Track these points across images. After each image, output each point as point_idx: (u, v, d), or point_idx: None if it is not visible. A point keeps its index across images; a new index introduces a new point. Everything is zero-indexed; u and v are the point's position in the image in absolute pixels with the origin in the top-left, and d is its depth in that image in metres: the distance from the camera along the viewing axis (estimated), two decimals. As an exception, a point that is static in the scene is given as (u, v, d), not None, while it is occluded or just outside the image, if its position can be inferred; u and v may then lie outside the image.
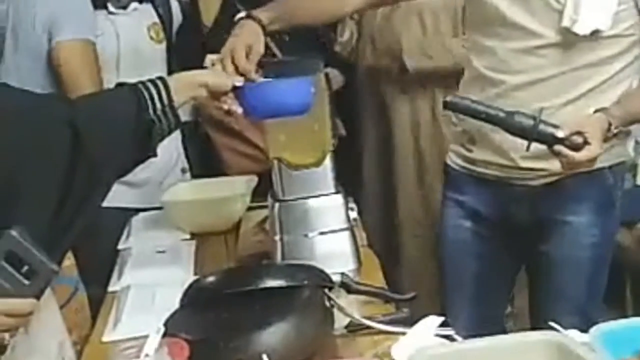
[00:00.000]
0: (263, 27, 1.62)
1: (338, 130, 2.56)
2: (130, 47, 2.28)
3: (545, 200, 1.68)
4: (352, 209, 1.69)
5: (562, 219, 1.69)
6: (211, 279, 1.38)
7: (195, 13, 2.57)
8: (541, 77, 1.62)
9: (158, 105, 1.31)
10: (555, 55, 1.60)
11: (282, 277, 1.34)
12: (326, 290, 1.37)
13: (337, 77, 2.65)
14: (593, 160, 1.47)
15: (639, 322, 1.17)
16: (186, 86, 1.38)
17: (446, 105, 1.57)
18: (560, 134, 1.45)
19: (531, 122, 1.48)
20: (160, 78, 1.36)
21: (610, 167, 1.67)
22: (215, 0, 2.52)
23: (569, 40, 1.57)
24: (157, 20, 2.38)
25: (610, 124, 1.49)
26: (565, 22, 1.55)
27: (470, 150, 1.77)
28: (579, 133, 1.45)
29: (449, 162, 1.85)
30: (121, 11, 2.30)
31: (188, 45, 2.51)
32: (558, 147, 1.46)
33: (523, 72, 1.63)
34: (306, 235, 1.63)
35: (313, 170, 1.63)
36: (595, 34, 1.54)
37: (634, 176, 3.14)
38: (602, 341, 1.09)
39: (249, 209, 2.06)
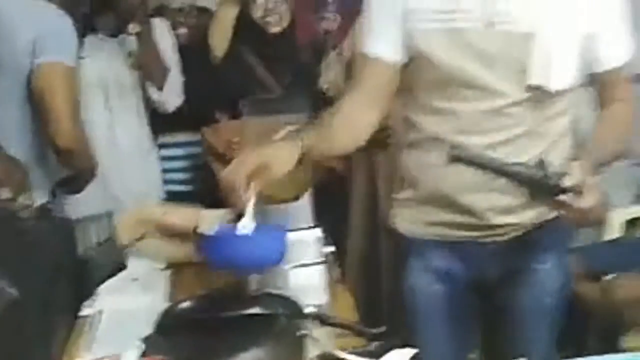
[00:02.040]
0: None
1: (335, 167, 2.67)
2: (113, 73, 2.35)
3: (515, 253, 1.70)
4: (327, 244, 1.73)
5: (531, 268, 1.72)
6: (186, 304, 1.41)
7: (203, 47, 2.65)
8: (508, 137, 1.61)
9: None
10: (521, 113, 1.60)
11: (258, 305, 1.37)
12: (299, 321, 1.39)
13: None
14: (594, 207, 1.44)
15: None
16: (137, 226, 1.31)
17: (453, 158, 1.47)
18: (567, 183, 1.42)
19: (541, 172, 1.44)
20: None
21: None
22: (225, 36, 2.60)
23: (534, 97, 1.59)
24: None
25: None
26: (534, 81, 1.57)
27: (430, 214, 1.72)
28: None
29: (402, 230, 1.78)
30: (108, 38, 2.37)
31: (196, 78, 2.61)
32: (563, 197, 1.43)
33: (490, 132, 1.62)
34: (280, 268, 1.65)
35: (291, 205, 1.67)
36: (558, 91, 1.59)
37: (601, 232, 3.23)
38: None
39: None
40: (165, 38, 2.72)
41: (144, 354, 1.19)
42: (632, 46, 1.66)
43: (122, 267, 1.25)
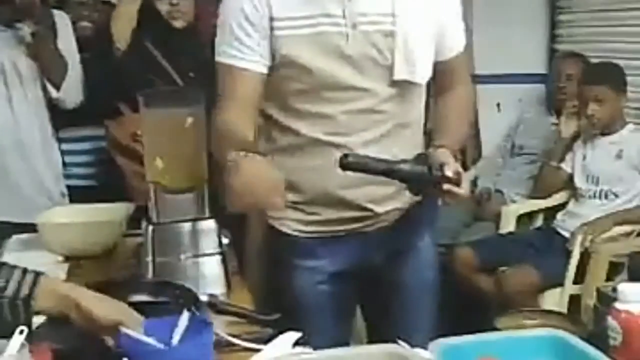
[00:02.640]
0: None
1: None
2: (9, 62, 2.33)
3: (398, 235, 1.77)
4: (224, 235, 1.76)
5: (412, 245, 1.82)
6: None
7: (105, 40, 2.63)
8: (382, 133, 1.67)
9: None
10: (390, 109, 1.67)
11: (150, 292, 1.40)
12: (193, 308, 1.43)
13: None
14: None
15: (475, 337, 1.29)
16: (57, 298, 1.22)
17: (345, 166, 1.51)
18: (449, 173, 1.52)
19: (423, 166, 1.53)
20: (37, 273, 1.23)
21: None
22: (127, 29, 2.59)
23: (398, 92, 1.67)
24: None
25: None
26: (399, 75, 1.64)
27: (316, 214, 1.73)
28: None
29: (288, 230, 1.75)
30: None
31: (98, 74, 2.58)
32: (447, 186, 1.52)
33: (364, 130, 1.66)
34: (178, 258, 1.68)
35: (188, 195, 1.70)
36: (412, 83, 1.68)
37: (497, 226, 3.37)
38: (441, 354, 1.20)
39: (127, 235, 2.10)
40: (65, 33, 2.69)
41: (31, 344, 1.19)
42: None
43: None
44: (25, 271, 1.23)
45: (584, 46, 3.72)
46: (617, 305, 1.25)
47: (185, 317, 1.27)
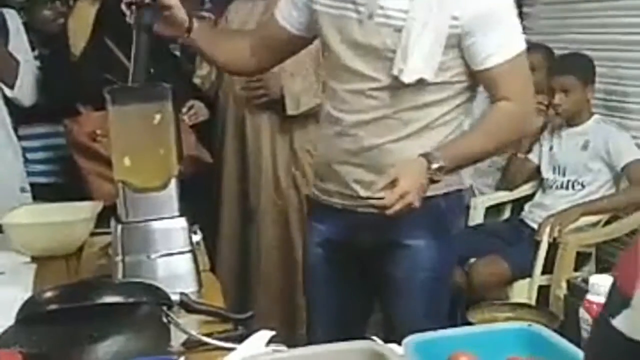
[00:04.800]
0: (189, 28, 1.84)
1: (205, 157, 2.70)
2: None
3: (386, 227, 1.78)
4: (195, 233, 1.75)
5: (402, 243, 1.81)
6: (48, 294, 1.39)
7: (63, 41, 2.58)
8: (375, 117, 1.75)
9: None
10: (386, 98, 1.73)
11: (120, 293, 1.38)
12: (164, 308, 1.41)
13: (202, 110, 2.79)
14: (408, 195, 1.61)
15: (448, 332, 1.29)
16: None
17: None
18: (366, 193, 1.69)
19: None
20: None
21: (443, 195, 1.80)
22: (85, 31, 2.54)
23: (398, 85, 1.70)
24: None
25: (430, 166, 1.64)
26: (394, 71, 1.68)
27: (322, 181, 1.90)
28: (393, 181, 1.61)
29: (309, 192, 2.00)
30: None
31: (57, 73, 2.54)
32: (374, 202, 1.65)
33: (359, 111, 1.77)
34: (148, 257, 1.66)
35: (157, 194, 1.67)
36: (420, 82, 1.69)
37: (466, 218, 3.38)
38: (414, 350, 1.20)
39: (94, 234, 2.07)
40: (16, 32, 2.65)
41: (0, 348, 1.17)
42: (516, 44, 1.70)
43: None
44: None
45: (550, 38, 3.75)
46: (589, 297, 1.26)
47: None
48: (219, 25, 2.81)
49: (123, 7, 1.72)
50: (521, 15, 4.05)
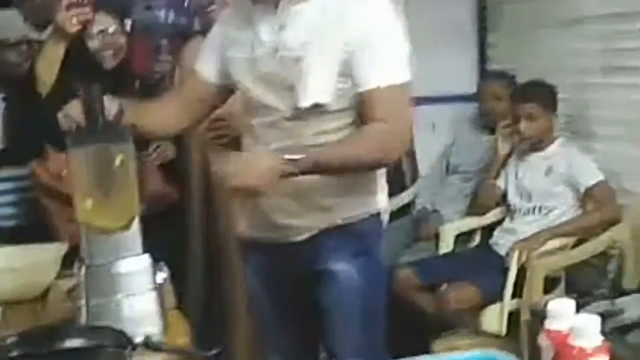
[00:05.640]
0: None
1: (172, 195, 2.71)
2: None
3: (311, 254, 1.86)
4: (160, 270, 1.74)
5: (325, 269, 1.87)
6: (12, 340, 1.38)
7: (30, 79, 2.58)
8: (279, 146, 1.79)
9: None
10: (290, 127, 1.80)
11: (84, 338, 1.37)
12: (128, 350, 1.41)
13: (169, 148, 2.80)
14: (248, 172, 1.65)
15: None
16: None
17: None
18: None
19: None
20: None
21: (361, 220, 1.88)
22: (52, 71, 2.54)
23: (299, 113, 1.77)
24: None
25: (284, 156, 1.67)
26: (294, 99, 1.76)
27: (246, 217, 1.95)
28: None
29: (238, 231, 2.03)
30: None
31: (23, 114, 2.54)
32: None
33: (268, 143, 1.83)
34: (112, 299, 1.65)
35: (120, 234, 1.67)
36: (319, 107, 1.75)
37: (436, 245, 3.41)
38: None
39: (59, 276, 2.05)
40: None
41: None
42: (398, 73, 1.75)
43: None
44: None
45: (512, 65, 3.82)
46: (548, 323, 1.26)
47: None
48: (177, 70, 2.84)
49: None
50: (484, 43, 4.15)
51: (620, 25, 3.19)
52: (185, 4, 4.95)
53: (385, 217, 1.97)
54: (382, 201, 1.93)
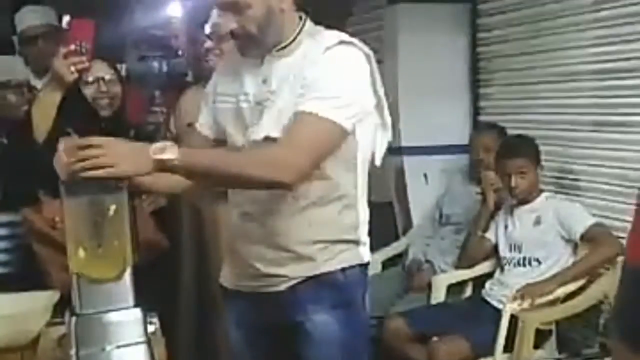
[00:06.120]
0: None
1: (163, 243, 2.71)
2: None
3: (289, 304, 1.87)
4: (151, 323, 1.75)
5: (305, 320, 1.86)
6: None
7: (27, 127, 2.60)
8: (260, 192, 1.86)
9: None
10: None
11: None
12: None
13: (161, 195, 2.80)
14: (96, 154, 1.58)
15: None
16: None
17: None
18: None
19: None
20: None
21: (341, 270, 1.87)
22: (48, 118, 2.56)
23: (256, 144, 1.83)
24: None
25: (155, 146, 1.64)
26: (247, 132, 1.85)
27: (228, 266, 1.99)
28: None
29: (221, 282, 2.03)
30: None
31: (19, 160, 2.55)
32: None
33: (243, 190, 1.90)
34: (103, 349, 1.65)
35: (112, 284, 1.68)
36: (268, 140, 1.80)
37: (428, 296, 3.41)
38: None
39: (51, 324, 2.05)
40: None
41: None
42: (330, 107, 1.73)
43: None
44: None
45: (504, 117, 3.87)
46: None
47: None
48: (171, 120, 2.88)
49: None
50: (478, 96, 4.21)
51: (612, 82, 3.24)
52: (180, 53, 5.05)
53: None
54: (365, 252, 1.93)
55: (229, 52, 2.06)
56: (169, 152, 1.62)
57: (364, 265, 1.94)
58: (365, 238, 1.93)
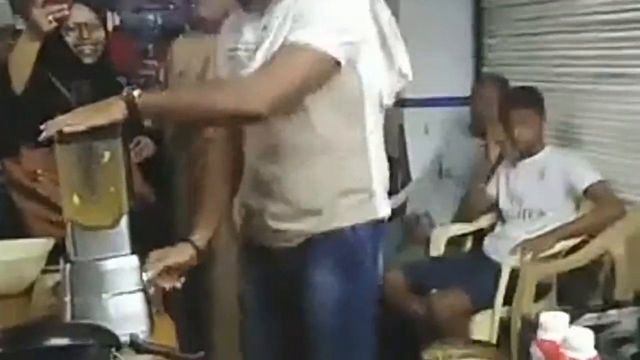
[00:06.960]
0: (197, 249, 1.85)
1: (149, 197, 2.63)
2: None
3: (297, 262, 1.78)
4: (146, 271, 1.71)
5: (309, 280, 1.78)
6: (-5, 337, 1.36)
7: (4, 78, 2.52)
8: (268, 144, 1.81)
9: None
10: (272, 125, 1.77)
11: (68, 335, 1.35)
12: (113, 350, 1.38)
13: (148, 145, 2.71)
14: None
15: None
16: None
17: None
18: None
19: None
20: None
21: (352, 228, 1.76)
22: (26, 68, 2.48)
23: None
24: None
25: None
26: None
27: (244, 221, 1.92)
28: None
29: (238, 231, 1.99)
30: None
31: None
32: None
33: (257, 138, 1.85)
34: (98, 297, 1.62)
35: (108, 232, 1.64)
36: None
37: (427, 250, 3.39)
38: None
39: (45, 272, 2.02)
40: None
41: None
42: (314, 33, 1.61)
43: None
44: None
45: (508, 69, 3.81)
46: (540, 334, 1.25)
47: None
48: (164, 69, 2.80)
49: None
50: (481, 47, 4.14)
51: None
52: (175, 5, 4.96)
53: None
54: (380, 206, 1.81)
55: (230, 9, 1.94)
56: (136, 94, 1.58)
57: (380, 221, 1.81)
58: (380, 189, 1.80)
